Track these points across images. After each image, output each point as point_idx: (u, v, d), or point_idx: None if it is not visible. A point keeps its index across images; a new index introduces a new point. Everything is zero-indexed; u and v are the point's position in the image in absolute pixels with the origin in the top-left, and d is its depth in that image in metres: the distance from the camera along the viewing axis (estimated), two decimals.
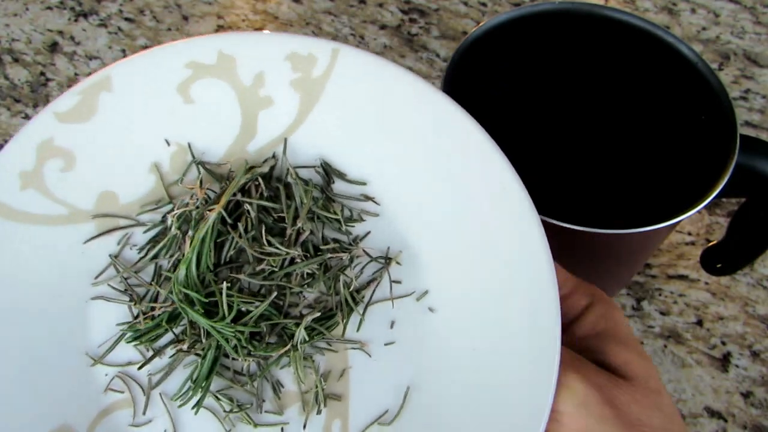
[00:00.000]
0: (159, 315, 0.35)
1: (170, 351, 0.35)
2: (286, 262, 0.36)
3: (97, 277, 0.37)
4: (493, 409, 0.32)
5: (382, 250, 0.37)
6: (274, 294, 0.35)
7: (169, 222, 0.36)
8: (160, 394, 0.35)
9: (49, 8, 0.67)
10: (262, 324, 0.35)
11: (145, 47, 0.65)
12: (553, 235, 0.39)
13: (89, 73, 0.63)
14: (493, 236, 0.34)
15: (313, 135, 0.38)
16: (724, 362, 0.51)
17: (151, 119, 0.38)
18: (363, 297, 0.36)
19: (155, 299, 0.36)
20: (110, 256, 0.37)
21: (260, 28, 0.66)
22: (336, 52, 0.37)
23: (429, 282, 0.36)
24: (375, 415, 0.34)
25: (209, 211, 0.35)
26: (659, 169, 0.47)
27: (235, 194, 0.36)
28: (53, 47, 0.65)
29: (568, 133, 0.51)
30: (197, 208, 0.36)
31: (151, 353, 0.35)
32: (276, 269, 0.35)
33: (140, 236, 0.38)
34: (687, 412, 0.49)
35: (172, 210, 0.37)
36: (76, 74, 0.63)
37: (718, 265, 0.51)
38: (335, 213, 0.37)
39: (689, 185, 0.40)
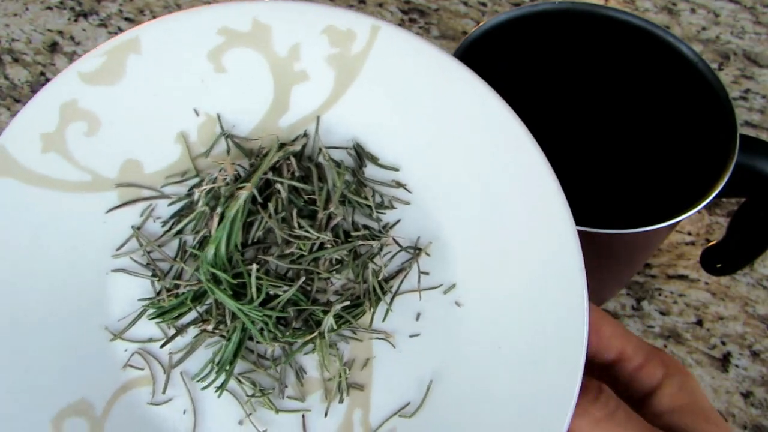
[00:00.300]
0: (183, 293, 0.34)
1: (193, 330, 0.34)
2: (316, 247, 0.35)
3: (118, 249, 0.35)
4: (511, 411, 0.31)
5: (412, 240, 0.36)
6: (303, 279, 0.34)
7: (196, 197, 0.35)
8: (180, 373, 0.34)
9: (49, 8, 0.67)
10: (290, 309, 0.34)
11: None
12: None
13: None
14: (528, 239, 0.33)
15: (346, 115, 0.36)
16: (724, 362, 0.51)
17: (180, 87, 0.36)
18: (391, 287, 0.35)
19: (179, 276, 0.35)
20: (133, 227, 0.35)
21: None
22: (376, 29, 0.35)
23: (457, 276, 0.35)
24: (396, 407, 0.34)
25: (240, 189, 0.34)
26: (659, 169, 0.47)
27: (266, 172, 0.35)
28: (53, 47, 0.65)
29: (568, 132, 0.51)
30: (227, 184, 0.35)
31: (173, 331, 0.34)
32: (305, 253, 0.34)
33: (164, 209, 0.36)
34: None
35: (200, 184, 0.35)
36: None
37: (718, 265, 0.51)
38: (366, 198, 0.35)
39: (689, 185, 0.40)
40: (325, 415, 0.34)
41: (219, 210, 0.34)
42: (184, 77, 0.36)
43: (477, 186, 0.35)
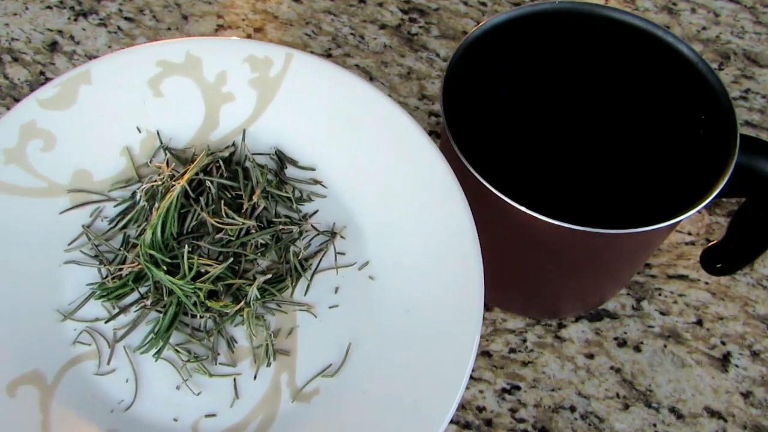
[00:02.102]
0: (126, 275, 0.39)
1: (135, 309, 0.39)
2: (242, 233, 0.40)
3: (70, 244, 0.40)
4: (424, 356, 0.36)
5: (329, 226, 0.42)
6: (231, 259, 0.39)
7: (137, 196, 0.41)
8: (124, 347, 0.38)
9: (49, 7, 0.67)
10: (219, 284, 0.39)
11: None
12: (553, 235, 0.39)
13: None
14: (425, 215, 0.39)
15: (268, 127, 0.43)
16: (723, 362, 0.51)
17: (125, 109, 0.43)
18: (311, 265, 0.41)
19: (123, 262, 0.40)
20: (83, 226, 0.41)
21: (260, 28, 0.66)
22: (290, 56, 0.43)
23: (370, 254, 0.41)
24: (319, 368, 0.38)
25: (175, 184, 0.39)
26: (659, 169, 0.47)
27: (198, 173, 0.41)
28: (53, 46, 0.65)
29: (568, 132, 0.51)
30: (163, 183, 0.40)
31: (117, 310, 0.39)
32: (233, 238, 0.40)
33: (111, 210, 0.42)
34: (687, 412, 0.49)
35: (141, 186, 0.41)
36: None
37: (718, 265, 0.51)
38: (287, 193, 0.42)
39: (689, 185, 0.40)
40: (255, 377, 0.38)
41: (157, 204, 0.39)
42: (127, 101, 0.43)
43: (381, 177, 0.41)
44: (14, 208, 0.39)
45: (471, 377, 0.49)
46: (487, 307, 0.52)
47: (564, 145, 0.52)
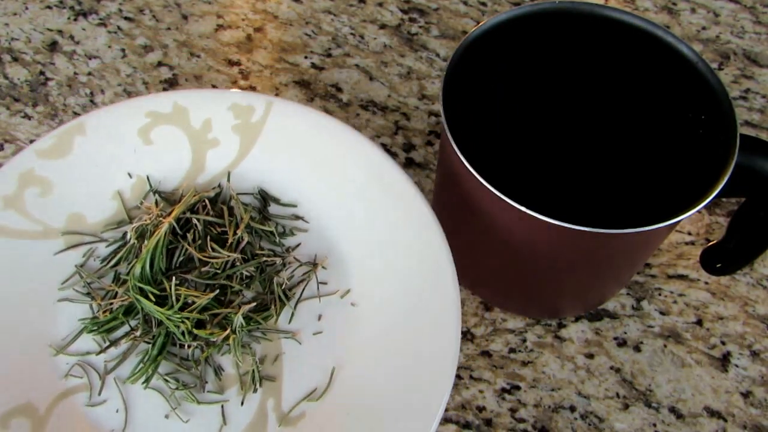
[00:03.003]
0: (116, 308, 0.41)
1: (125, 341, 0.41)
2: (228, 265, 0.42)
3: (63, 283, 0.43)
4: (405, 377, 0.38)
5: (311, 257, 0.45)
6: (217, 290, 0.41)
7: (128, 235, 0.43)
8: (114, 378, 0.40)
9: (49, 7, 0.67)
10: (206, 314, 0.40)
11: (145, 47, 0.65)
12: (553, 235, 0.39)
13: (89, 73, 0.63)
14: (403, 244, 0.41)
15: (252, 168, 0.46)
16: (723, 362, 0.51)
17: (117, 157, 0.46)
18: (294, 294, 0.43)
19: (114, 297, 0.42)
20: (76, 266, 0.43)
21: (260, 28, 0.66)
22: (270, 104, 0.46)
23: (351, 282, 0.43)
24: (305, 392, 0.40)
25: (163, 221, 0.42)
26: (659, 168, 0.47)
27: (184, 212, 0.43)
28: (53, 46, 0.65)
29: (568, 132, 0.51)
30: (152, 222, 0.43)
31: (107, 343, 0.41)
32: (219, 271, 0.42)
33: (103, 250, 0.44)
34: (687, 412, 0.49)
35: (131, 225, 0.43)
36: (75, 73, 0.63)
37: (718, 265, 0.51)
38: (270, 227, 0.44)
39: (689, 185, 0.40)
40: (242, 404, 0.39)
41: (146, 242, 0.41)
42: (119, 150, 0.46)
43: (360, 211, 0.44)
44: (11, 250, 0.42)
45: (471, 377, 0.49)
46: (487, 307, 0.52)
47: (564, 145, 0.52)
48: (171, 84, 0.62)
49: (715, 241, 0.51)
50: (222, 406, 0.40)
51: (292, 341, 0.42)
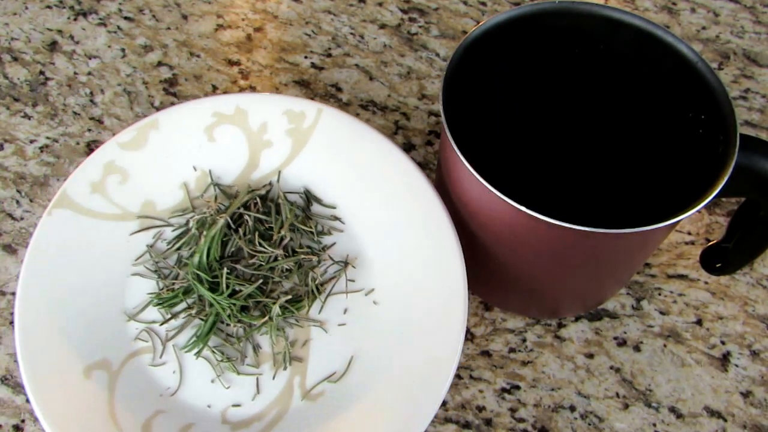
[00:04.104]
0: (177, 288, 0.48)
1: (183, 316, 0.48)
2: (271, 259, 0.48)
3: (136, 260, 0.49)
4: (413, 370, 0.43)
5: (343, 257, 0.50)
6: (261, 280, 0.48)
7: (190, 224, 0.50)
8: (173, 345, 0.47)
9: (49, 7, 0.67)
10: (250, 301, 0.47)
11: (145, 47, 0.65)
12: (553, 235, 0.39)
13: (89, 72, 0.63)
14: (423, 254, 0.46)
15: (300, 170, 0.51)
16: (723, 362, 0.51)
17: (184, 151, 0.51)
18: (325, 289, 0.49)
19: (176, 278, 0.49)
20: (147, 246, 0.50)
21: (260, 28, 0.66)
22: (320, 111, 0.51)
23: (376, 283, 0.48)
24: (326, 374, 0.46)
25: (219, 217, 0.48)
26: (659, 168, 0.47)
27: (239, 208, 0.49)
28: (52, 46, 0.65)
29: (568, 132, 0.51)
30: (211, 215, 0.49)
31: (169, 316, 0.48)
32: (263, 263, 0.48)
33: (169, 234, 0.51)
34: (686, 411, 0.49)
35: (194, 216, 0.50)
36: (75, 73, 0.63)
37: (718, 265, 0.51)
38: (310, 227, 0.50)
39: (689, 185, 0.40)
40: (273, 378, 0.46)
41: (205, 232, 0.48)
42: (186, 145, 0.51)
43: (389, 218, 0.49)
44: (95, 229, 0.48)
45: (470, 377, 0.50)
46: (487, 307, 0.52)
47: (564, 144, 0.52)
48: (171, 84, 0.62)
49: (714, 241, 0.51)
50: (257, 378, 0.46)
51: (319, 329, 0.48)
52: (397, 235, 0.48)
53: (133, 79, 0.63)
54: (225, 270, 0.47)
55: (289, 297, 0.47)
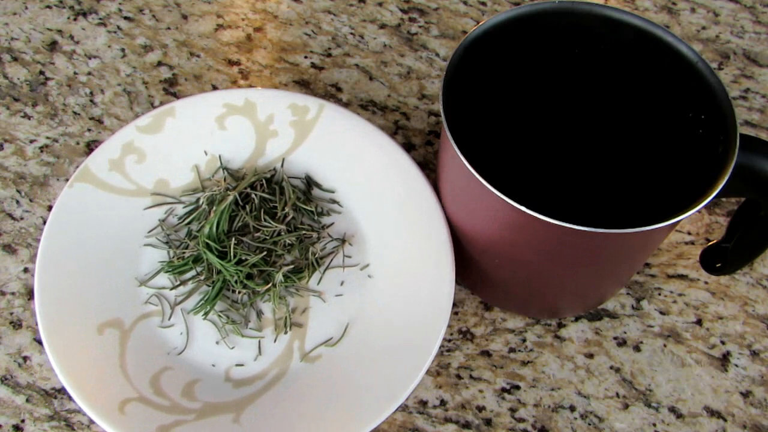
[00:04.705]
0: (187, 257, 0.52)
1: (192, 282, 0.52)
2: (275, 234, 0.53)
3: (149, 232, 0.53)
4: (403, 337, 0.47)
5: (341, 235, 0.54)
6: (265, 252, 0.52)
7: (201, 201, 0.54)
8: (181, 309, 0.51)
9: (48, 7, 0.67)
10: (255, 270, 0.51)
11: (145, 47, 0.65)
12: (553, 235, 0.39)
13: (89, 72, 0.63)
14: (414, 232, 0.51)
15: (302, 158, 0.56)
16: (723, 362, 0.51)
17: (197, 137, 0.56)
18: (324, 262, 0.53)
19: (186, 248, 0.53)
20: (159, 220, 0.54)
21: (260, 28, 0.66)
22: (323, 106, 0.56)
23: (370, 258, 0.53)
24: (323, 339, 0.50)
25: (229, 194, 0.53)
26: (659, 168, 0.47)
27: (246, 188, 0.54)
28: (52, 46, 0.65)
29: (568, 132, 0.51)
30: (220, 193, 0.54)
31: (178, 282, 0.52)
32: (267, 237, 0.53)
33: (180, 210, 0.55)
34: (686, 411, 0.49)
35: (204, 194, 0.54)
36: (75, 73, 0.63)
37: (718, 265, 0.51)
38: (311, 208, 0.54)
39: (689, 185, 0.40)
40: (275, 341, 0.50)
41: (215, 208, 0.52)
42: (199, 131, 0.56)
43: (383, 201, 0.53)
44: (113, 203, 0.53)
45: (470, 377, 0.50)
46: (487, 307, 0.52)
47: (564, 144, 0.52)
48: (171, 84, 0.62)
49: (714, 241, 0.51)
50: (259, 341, 0.50)
51: (318, 299, 0.52)
52: (391, 216, 0.53)
53: (133, 79, 0.63)
54: (233, 241, 0.51)
55: (291, 267, 0.51)
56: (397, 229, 0.52)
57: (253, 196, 0.53)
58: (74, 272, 0.49)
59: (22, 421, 0.48)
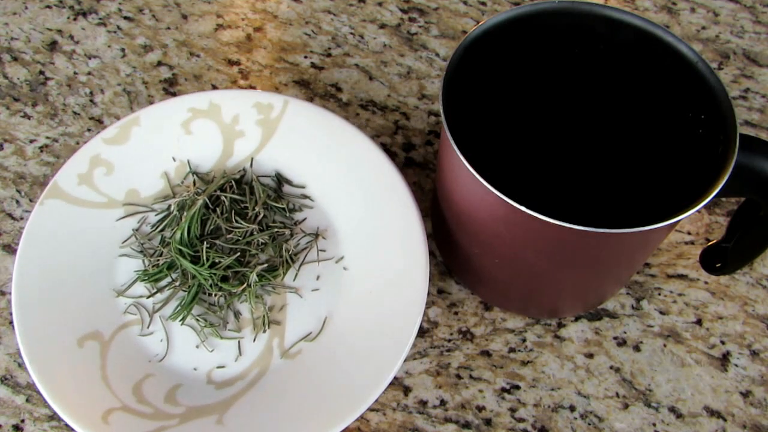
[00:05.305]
0: (162, 264, 0.52)
1: (168, 289, 0.52)
2: (247, 234, 0.53)
3: (123, 243, 0.53)
4: (380, 327, 0.48)
5: (314, 229, 0.54)
6: (238, 253, 0.52)
7: (171, 207, 0.54)
8: (159, 316, 0.51)
9: (48, 7, 0.67)
10: (229, 271, 0.52)
11: (145, 46, 0.65)
12: (553, 234, 0.39)
13: (89, 72, 0.63)
14: (387, 222, 0.51)
15: (271, 156, 0.56)
16: (723, 362, 0.51)
17: (164, 144, 0.56)
18: (298, 258, 0.53)
19: (160, 255, 0.53)
20: (132, 229, 0.54)
21: (259, 28, 0.66)
22: (287, 102, 0.56)
23: (344, 251, 0.53)
24: (302, 334, 0.50)
25: (198, 198, 0.53)
26: (659, 168, 0.47)
27: (215, 191, 0.54)
28: (52, 46, 0.65)
29: (568, 132, 0.51)
30: (191, 198, 0.54)
31: (155, 290, 0.52)
32: (240, 238, 0.53)
33: (153, 218, 0.55)
34: (686, 411, 0.49)
35: (175, 200, 0.54)
36: (75, 73, 0.63)
37: (718, 265, 0.51)
38: (282, 205, 0.54)
39: (689, 185, 0.40)
40: (254, 340, 0.50)
41: (185, 213, 0.53)
42: (166, 138, 0.56)
43: (355, 193, 0.53)
44: (84, 217, 0.53)
45: (470, 377, 0.50)
46: (487, 307, 0.52)
47: (564, 144, 0.52)
48: (171, 84, 0.62)
49: (714, 241, 0.51)
50: (239, 342, 0.50)
51: (294, 295, 0.52)
52: (363, 207, 0.53)
53: (132, 79, 0.63)
54: (205, 244, 0.51)
55: (266, 266, 0.52)
56: (369, 220, 0.52)
57: (223, 198, 0.53)
58: (51, 288, 0.49)
59: (22, 421, 0.48)
